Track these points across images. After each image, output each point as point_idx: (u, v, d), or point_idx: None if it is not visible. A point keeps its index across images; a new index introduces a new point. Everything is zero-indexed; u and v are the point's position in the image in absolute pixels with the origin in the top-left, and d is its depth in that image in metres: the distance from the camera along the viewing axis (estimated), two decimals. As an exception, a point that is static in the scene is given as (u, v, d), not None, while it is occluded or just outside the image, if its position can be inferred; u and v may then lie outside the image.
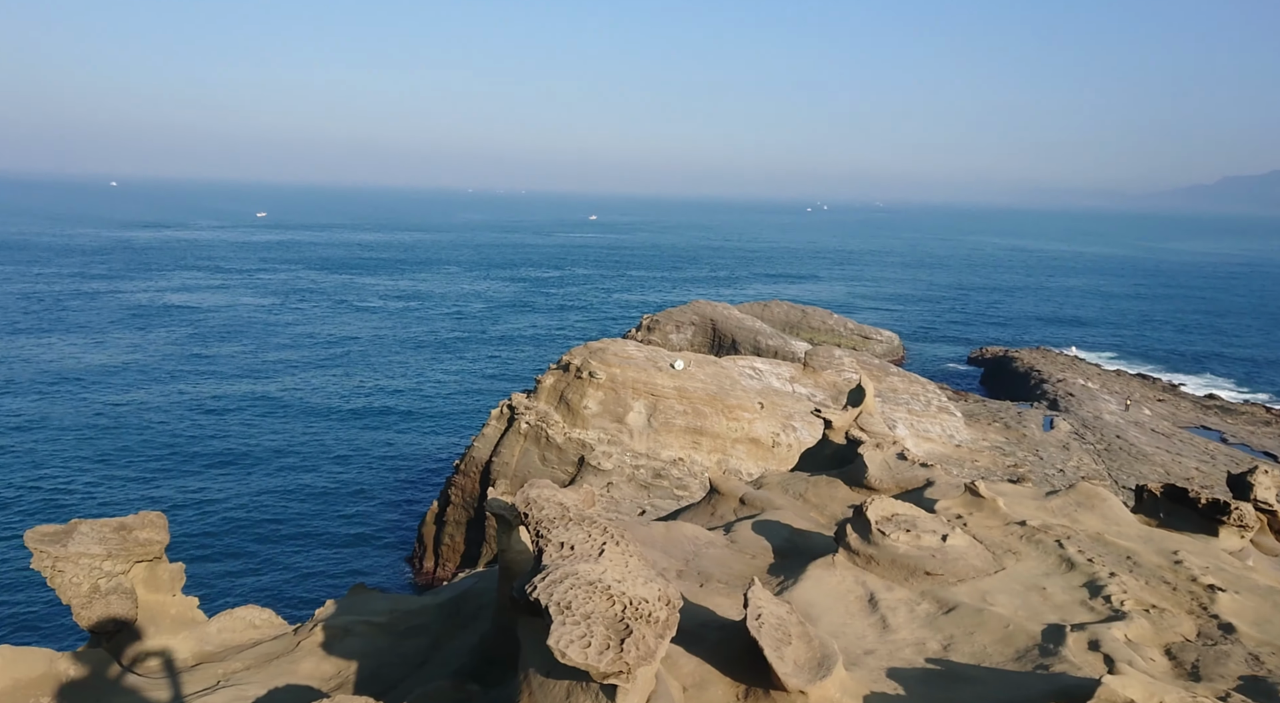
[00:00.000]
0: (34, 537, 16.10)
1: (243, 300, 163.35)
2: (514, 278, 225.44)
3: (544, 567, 8.48)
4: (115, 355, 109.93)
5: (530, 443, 65.42)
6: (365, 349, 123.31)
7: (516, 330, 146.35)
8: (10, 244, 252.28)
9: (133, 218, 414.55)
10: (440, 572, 62.57)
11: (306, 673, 14.46)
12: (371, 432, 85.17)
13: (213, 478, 70.46)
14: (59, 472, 69.47)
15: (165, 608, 17.06)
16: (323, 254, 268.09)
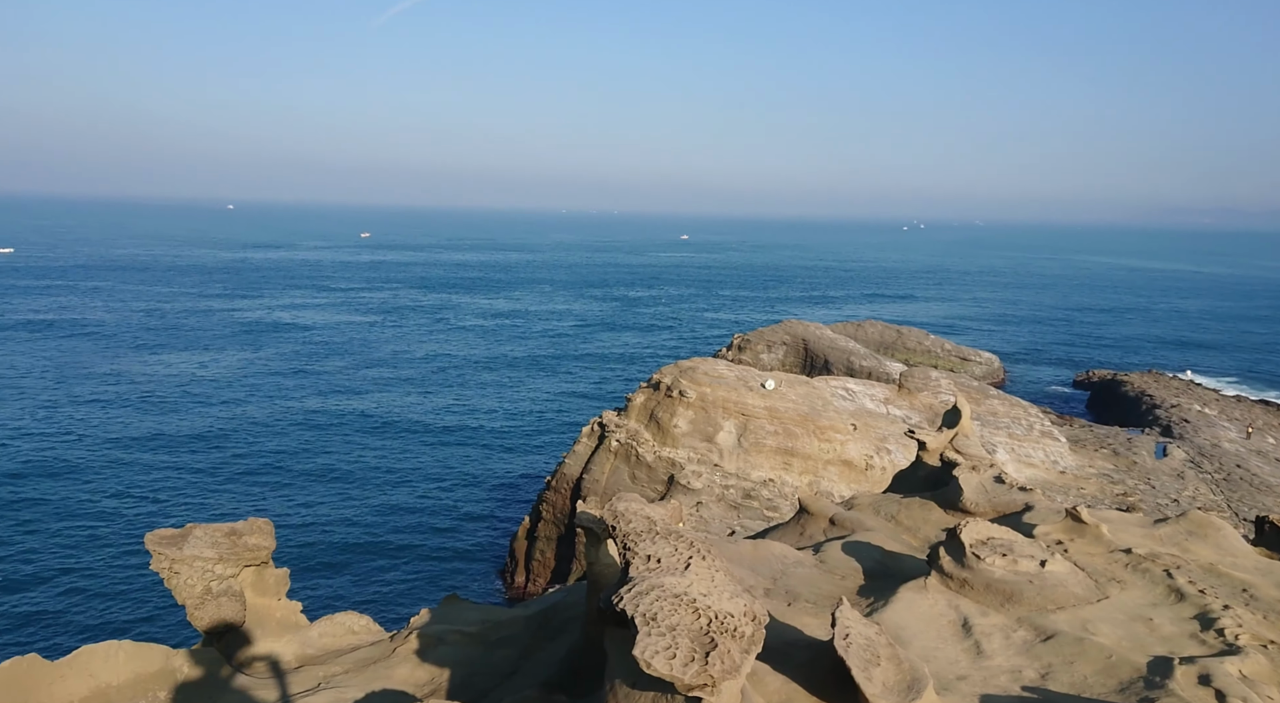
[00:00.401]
0: (153, 540, 17.07)
1: (345, 318, 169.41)
2: (605, 297, 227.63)
3: (630, 579, 8.57)
4: (227, 371, 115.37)
5: (620, 461, 65.78)
6: (460, 367, 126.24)
7: (607, 349, 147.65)
8: (136, 265, 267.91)
9: (247, 239, 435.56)
10: (531, 587, 63.33)
11: (401, 679, 14.88)
12: (466, 448, 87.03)
13: (315, 490, 73.07)
14: (174, 479, 73.15)
15: (271, 611, 17.84)
16: (421, 273, 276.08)
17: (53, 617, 50.86)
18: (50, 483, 70.54)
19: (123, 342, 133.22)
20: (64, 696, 13.38)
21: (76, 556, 58.36)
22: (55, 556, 58.17)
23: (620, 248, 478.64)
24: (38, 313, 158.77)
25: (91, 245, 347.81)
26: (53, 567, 56.64)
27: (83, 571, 56.33)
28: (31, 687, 13.22)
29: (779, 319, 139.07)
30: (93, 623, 50.28)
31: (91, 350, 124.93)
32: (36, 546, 59.46)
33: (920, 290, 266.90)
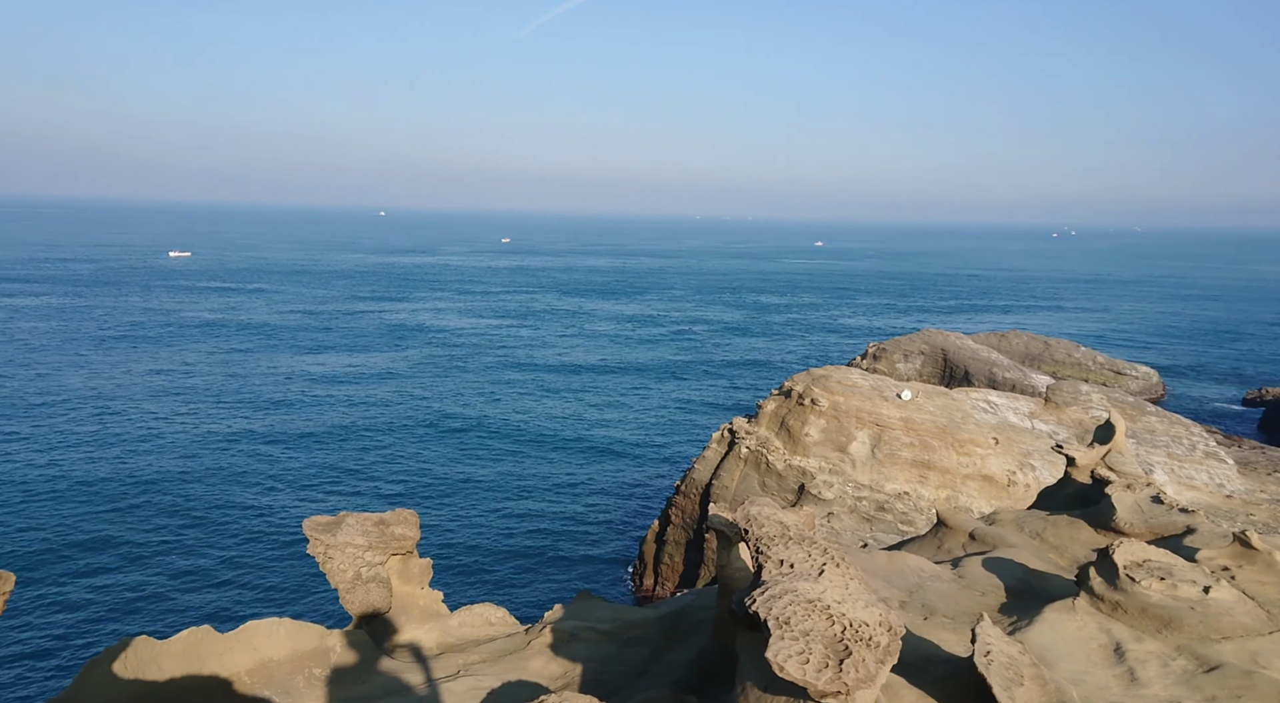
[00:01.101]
0: (310, 526, 18.25)
1: (485, 322, 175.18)
2: (736, 303, 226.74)
3: (763, 582, 8.55)
4: (374, 371, 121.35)
5: (750, 468, 65.39)
6: (592, 371, 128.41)
7: (737, 355, 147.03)
8: (296, 268, 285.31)
9: (395, 245, 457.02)
10: (659, 590, 63.70)
11: (535, 671, 15.34)
12: (597, 451, 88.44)
13: (455, 486, 75.88)
14: (326, 470, 77.46)
15: (415, 599, 18.71)
16: (557, 278, 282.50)
17: (220, 592, 54.78)
18: (215, 470, 75.99)
19: (281, 341, 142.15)
20: (232, 666, 14.49)
21: (240, 537, 62.66)
22: (222, 536, 62.62)
23: (753, 254, 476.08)
24: (210, 312, 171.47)
25: (258, 250, 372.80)
26: (219, 546, 61.00)
27: (246, 551, 60.44)
28: (205, 655, 14.39)
29: (916, 328, 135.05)
30: (255, 600, 53.85)
31: (254, 348, 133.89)
32: (204, 526, 64.16)
33: (1070, 300, 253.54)
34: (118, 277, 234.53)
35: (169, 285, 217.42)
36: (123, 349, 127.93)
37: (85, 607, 51.69)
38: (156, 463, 76.76)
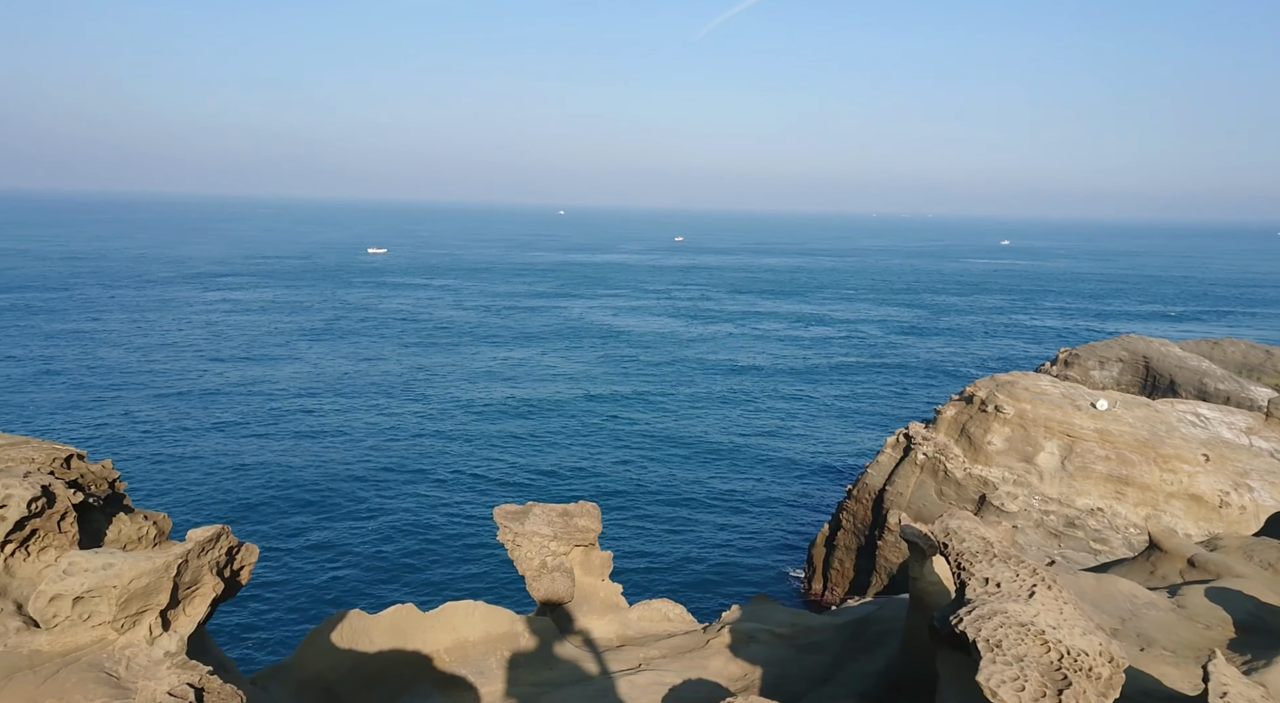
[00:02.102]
0: (500, 513, 19.15)
1: (656, 319, 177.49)
2: (912, 303, 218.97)
3: (968, 600, 8.19)
4: (551, 367, 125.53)
5: (927, 475, 63.06)
6: (761, 369, 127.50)
7: (913, 358, 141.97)
8: (480, 265, 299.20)
9: (573, 243, 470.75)
10: (828, 595, 62.54)
11: (715, 670, 15.43)
12: (766, 451, 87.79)
13: (625, 482, 77.39)
14: (511, 460, 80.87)
15: (596, 590, 19.25)
16: (729, 277, 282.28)
17: (416, 574, 58.27)
18: (407, 459, 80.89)
19: (464, 337, 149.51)
20: (432, 643, 15.44)
21: (435, 521, 66.43)
22: (418, 519, 66.62)
23: (931, 253, 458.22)
24: (402, 306, 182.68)
25: (446, 248, 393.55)
26: (416, 529, 64.92)
27: (435, 536, 64.03)
28: (409, 631, 15.40)
29: (1114, 333, 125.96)
30: (445, 582, 56.96)
31: (439, 343, 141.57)
32: (401, 510, 68.43)
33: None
34: (322, 272, 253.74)
35: (366, 281, 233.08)
36: (324, 341, 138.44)
37: (308, 579, 56.22)
38: (354, 451, 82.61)
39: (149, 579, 9.42)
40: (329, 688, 13.67)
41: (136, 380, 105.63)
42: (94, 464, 11.84)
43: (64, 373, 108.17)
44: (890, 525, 62.14)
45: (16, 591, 9.95)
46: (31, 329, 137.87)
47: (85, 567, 9.36)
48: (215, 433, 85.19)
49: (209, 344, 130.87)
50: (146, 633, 9.56)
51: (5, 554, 10.09)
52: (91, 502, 11.39)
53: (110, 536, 11.54)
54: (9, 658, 8.88)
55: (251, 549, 11.42)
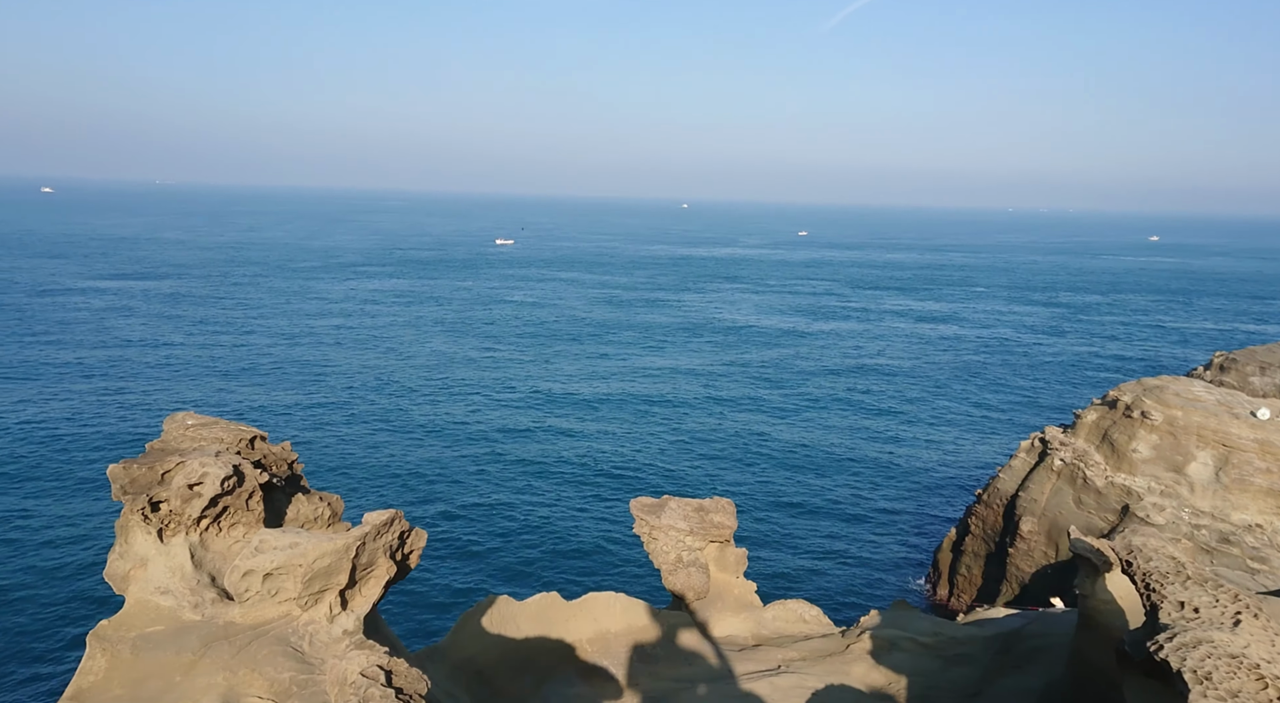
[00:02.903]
0: (637, 506, 19.33)
1: (777, 315, 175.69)
2: (1049, 302, 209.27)
3: (1165, 626, 7.68)
4: (669, 360, 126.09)
5: (1064, 482, 60.20)
6: (884, 368, 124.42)
7: (1048, 359, 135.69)
8: (601, 258, 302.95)
9: (696, 236, 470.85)
10: (954, 602, 60.62)
11: (858, 677, 15.14)
12: (888, 451, 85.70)
13: (747, 479, 77.02)
14: (630, 451, 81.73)
15: (730, 587, 19.20)
16: (853, 273, 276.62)
17: (560, 563, 59.58)
18: (534, 448, 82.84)
19: (585, 327, 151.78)
20: (575, 632, 15.74)
21: (558, 513, 67.81)
22: (540, 510, 68.18)
23: (1071, 249, 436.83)
24: (525, 296, 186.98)
25: (570, 240, 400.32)
26: (538, 519, 66.45)
27: (564, 525, 65.31)
28: (553, 619, 15.74)
29: (1277, 337, 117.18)
30: (581, 573, 58.03)
31: (564, 333, 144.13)
32: (525, 499, 70.15)
33: None
34: (454, 262, 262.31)
35: (494, 272, 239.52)
36: (453, 331, 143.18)
37: (442, 565, 58.25)
38: (481, 441, 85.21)
39: (331, 560, 9.94)
40: (480, 671, 14.11)
41: (281, 365, 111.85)
42: (275, 446, 12.57)
43: (221, 356, 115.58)
44: (1023, 533, 59.75)
45: (210, 564, 10.67)
46: (186, 315, 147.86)
47: (274, 545, 9.96)
48: (351, 419, 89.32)
49: (348, 332, 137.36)
50: (327, 611, 10.10)
51: (200, 529, 10.84)
52: (274, 482, 12.11)
53: (290, 515, 12.23)
54: (207, 628, 9.53)
55: (420, 534, 11.89)
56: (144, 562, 10.49)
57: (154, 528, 10.57)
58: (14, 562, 53.65)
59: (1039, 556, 58.42)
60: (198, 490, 10.63)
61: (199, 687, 8.77)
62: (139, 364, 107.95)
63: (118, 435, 78.82)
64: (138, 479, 10.64)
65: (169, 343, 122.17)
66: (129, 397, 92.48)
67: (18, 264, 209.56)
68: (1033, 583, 56.97)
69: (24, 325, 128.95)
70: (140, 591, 10.31)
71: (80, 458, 72.71)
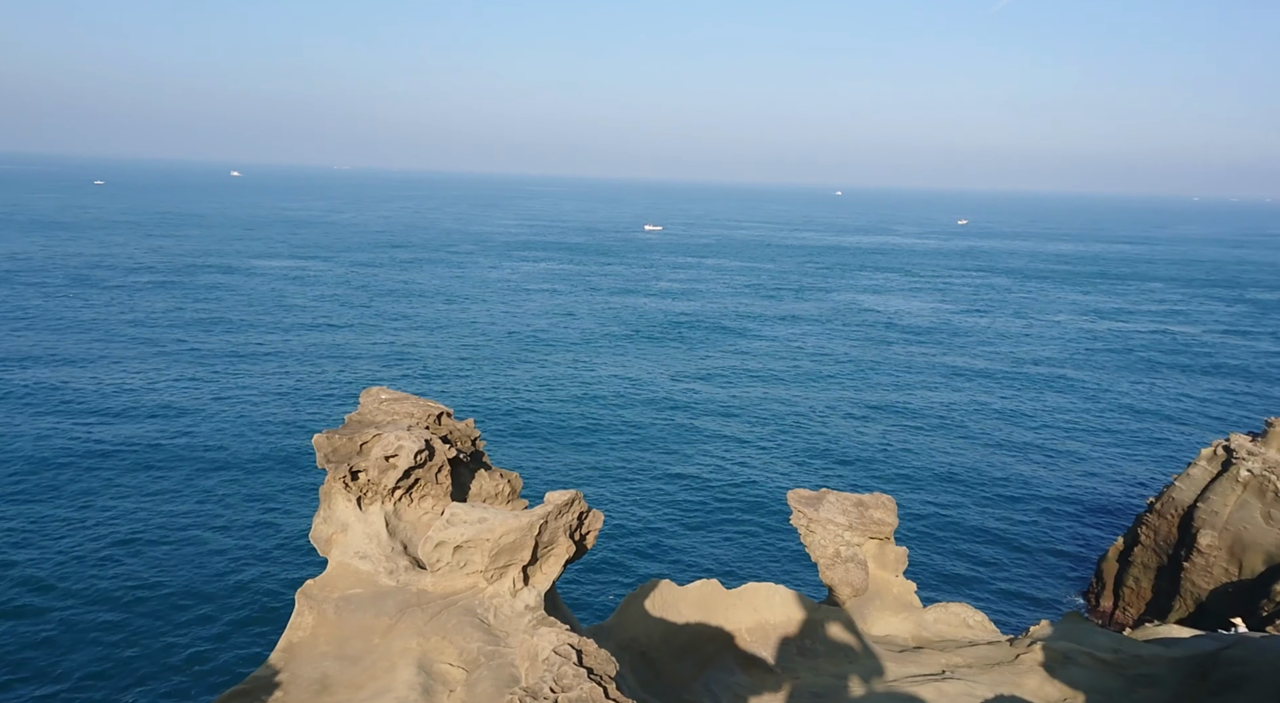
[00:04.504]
0: (794, 498, 19.16)
1: (929, 306, 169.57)
2: (1236, 298, 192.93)
3: None
4: (814, 349, 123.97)
5: (1251, 494, 55.64)
6: (1049, 364, 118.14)
7: (1233, 360, 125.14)
8: (751, 243, 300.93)
9: (849, 224, 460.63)
10: (1119, 615, 57.22)
11: (1031, 690, 14.49)
12: (1050, 453, 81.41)
13: (895, 474, 75.00)
14: (778, 441, 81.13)
15: (889, 586, 18.76)
16: (1015, 264, 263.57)
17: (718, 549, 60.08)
18: (683, 432, 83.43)
19: (729, 314, 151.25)
20: (735, 620, 15.81)
21: (720, 497, 68.14)
22: (703, 494, 68.72)
23: (1265, 243, 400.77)
24: (674, 283, 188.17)
25: (720, 227, 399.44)
26: (696, 502, 67.02)
27: (730, 514, 65.60)
28: (713, 606, 15.86)
29: None
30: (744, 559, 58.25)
31: (710, 318, 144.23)
32: (678, 483, 70.87)
33: None
34: (604, 248, 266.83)
35: (641, 259, 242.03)
36: (602, 317, 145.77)
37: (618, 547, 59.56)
38: (630, 426, 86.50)
39: (516, 536, 10.35)
40: (644, 653, 14.39)
41: (449, 340, 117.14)
42: (459, 422, 13.17)
43: (391, 336, 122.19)
44: (1201, 547, 55.74)
45: (402, 533, 11.32)
46: (371, 291, 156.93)
47: (464, 519, 10.46)
48: (512, 395, 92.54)
49: (506, 315, 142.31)
50: (510, 586, 10.55)
51: (394, 499, 11.52)
52: (460, 457, 12.72)
53: (473, 490, 12.81)
54: (402, 594, 10.13)
55: (597, 515, 12.22)
56: (345, 527, 11.26)
57: (354, 496, 11.32)
58: (219, 527, 58.67)
59: (1219, 572, 54.32)
60: (393, 462, 11.26)
61: (396, 650, 9.35)
62: (321, 338, 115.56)
63: (315, 406, 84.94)
64: (339, 449, 11.41)
65: (347, 318, 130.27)
66: (307, 371, 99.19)
67: (211, 245, 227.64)
68: (1211, 601, 53.07)
69: (217, 301, 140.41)
70: (341, 554, 11.08)
71: (277, 427, 78.75)
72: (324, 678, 9.34)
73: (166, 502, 61.15)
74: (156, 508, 59.86)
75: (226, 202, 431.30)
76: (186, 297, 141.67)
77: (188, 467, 67.69)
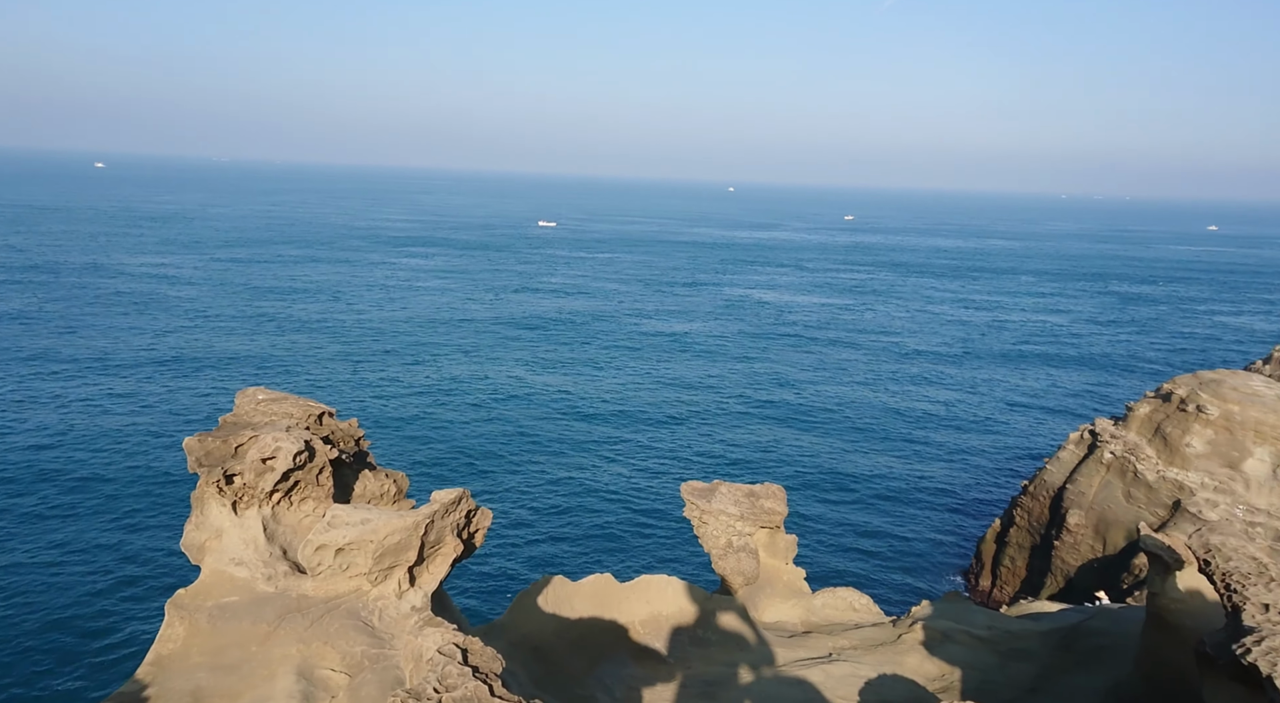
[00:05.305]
0: (688, 490, 19.40)
1: (817, 300, 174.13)
2: (1098, 292, 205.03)
3: (1250, 629, 7.50)
4: (708, 343, 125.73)
5: (1113, 476, 59.21)
6: (929, 356, 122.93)
7: (1097, 350, 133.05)
8: (644, 240, 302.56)
9: (740, 219, 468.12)
10: (997, 593, 60.08)
11: (911, 668, 15.06)
12: (930, 440, 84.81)
13: (781, 465, 76.68)
14: (668, 436, 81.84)
15: (780, 574, 19.19)
16: (898, 258, 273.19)
17: (611, 544, 59.98)
18: (577, 430, 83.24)
19: (626, 308, 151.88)
20: (629, 613, 15.87)
21: (615, 492, 68.18)
22: (589, 491, 68.62)
23: (1125, 238, 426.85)
24: (566, 278, 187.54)
25: (614, 223, 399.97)
26: (587, 499, 66.90)
27: (612, 506, 65.67)
28: (607, 601, 15.87)
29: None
30: (638, 553, 58.37)
31: (603, 314, 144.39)
32: (569, 480, 70.65)
33: None
34: (497, 243, 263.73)
35: (535, 252, 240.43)
36: (494, 312, 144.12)
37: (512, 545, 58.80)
38: (524, 422, 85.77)
39: (401, 536, 10.11)
40: (537, 648, 14.31)
41: (337, 339, 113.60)
42: (342, 422, 12.77)
43: (275, 334, 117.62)
44: (1070, 526, 58.99)
45: (282, 537, 10.90)
46: (251, 288, 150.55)
47: (346, 521, 10.15)
48: (402, 395, 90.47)
49: (398, 312, 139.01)
50: (396, 587, 10.29)
51: (272, 503, 11.08)
52: (342, 458, 12.33)
53: (357, 491, 12.44)
54: (281, 600, 9.75)
55: (486, 513, 12.05)
56: (219, 533, 10.77)
57: (229, 500, 10.83)
58: (83, 535, 55.24)
59: (1085, 549, 57.62)
60: (271, 464, 10.85)
61: (275, 657, 8.99)
62: (195, 340, 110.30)
63: (185, 412, 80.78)
64: (213, 452, 10.91)
65: (224, 316, 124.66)
66: (187, 371, 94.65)
67: (70, 241, 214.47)
68: (1078, 577, 56.26)
69: (78, 301, 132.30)
70: (216, 561, 10.58)
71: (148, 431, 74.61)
72: (196, 690, 8.91)
73: (19, 524, 56.76)
74: (7, 531, 55.50)
75: (90, 194, 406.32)
76: (43, 297, 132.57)
77: (45, 485, 62.78)
